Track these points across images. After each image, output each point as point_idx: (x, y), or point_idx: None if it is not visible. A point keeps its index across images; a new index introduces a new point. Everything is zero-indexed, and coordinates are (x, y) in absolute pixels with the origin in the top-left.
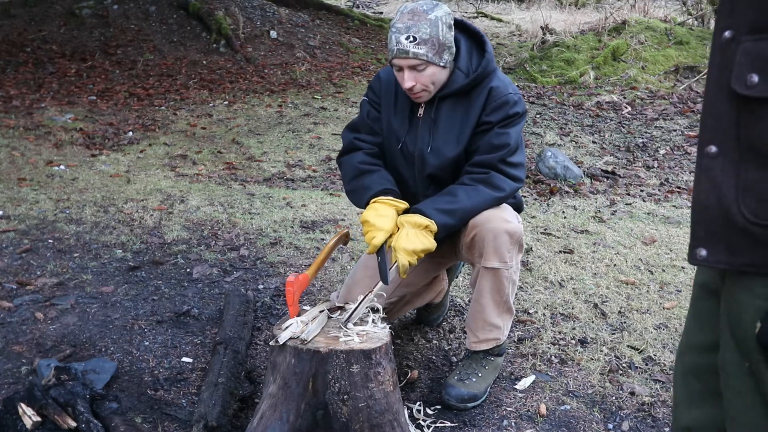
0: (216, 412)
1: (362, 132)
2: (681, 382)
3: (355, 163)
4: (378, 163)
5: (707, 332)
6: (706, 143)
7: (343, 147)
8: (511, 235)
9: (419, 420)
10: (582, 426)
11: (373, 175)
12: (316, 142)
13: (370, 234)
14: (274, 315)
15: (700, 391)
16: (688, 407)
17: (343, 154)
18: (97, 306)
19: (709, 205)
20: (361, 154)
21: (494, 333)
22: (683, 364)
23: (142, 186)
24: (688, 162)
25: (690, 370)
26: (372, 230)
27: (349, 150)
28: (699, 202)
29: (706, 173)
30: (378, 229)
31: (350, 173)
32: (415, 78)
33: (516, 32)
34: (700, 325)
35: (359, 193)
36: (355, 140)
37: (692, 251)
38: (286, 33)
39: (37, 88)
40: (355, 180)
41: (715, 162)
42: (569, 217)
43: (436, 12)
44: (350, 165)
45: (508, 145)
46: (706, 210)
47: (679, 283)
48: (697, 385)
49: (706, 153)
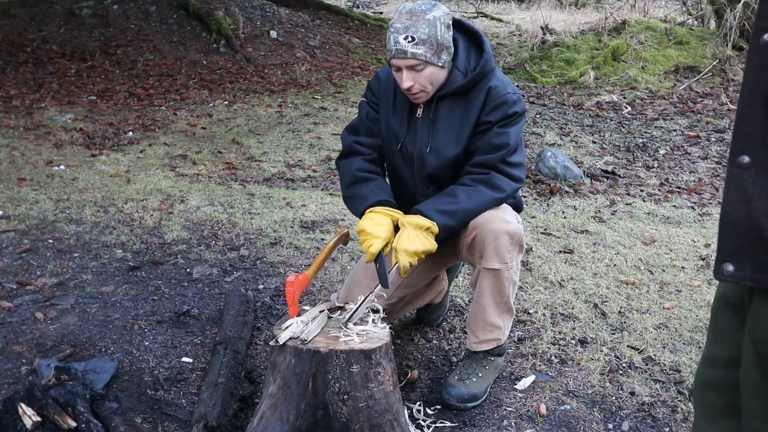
0: (216, 412)
1: (361, 134)
2: (699, 395)
3: (353, 170)
4: (375, 171)
5: (724, 346)
6: (738, 152)
7: (342, 150)
8: (511, 236)
9: (419, 420)
10: (582, 426)
11: (370, 184)
12: (316, 142)
13: (367, 242)
14: (274, 315)
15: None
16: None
17: (341, 157)
18: (97, 306)
19: (737, 218)
20: (359, 161)
21: (495, 333)
22: (700, 376)
23: (142, 186)
24: (688, 162)
25: (707, 384)
26: (369, 238)
27: (347, 154)
28: (727, 214)
29: (737, 184)
30: (375, 237)
31: (347, 180)
32: (414, 78)
33: (516, 32)
34: (717, 338)
35: (355, 201)
36: (354, 144)
37: (718, 266)
38: (286, 33)
39: (37, 88)
40: (351, 187)
41: (747, 173)
42: (569, 217)
43: (434, 12)
44: (348, 171)
45: (507, 144)
46: (735, 224)
47: (679, 283)
48: (716, 399)
49: (737, 163)
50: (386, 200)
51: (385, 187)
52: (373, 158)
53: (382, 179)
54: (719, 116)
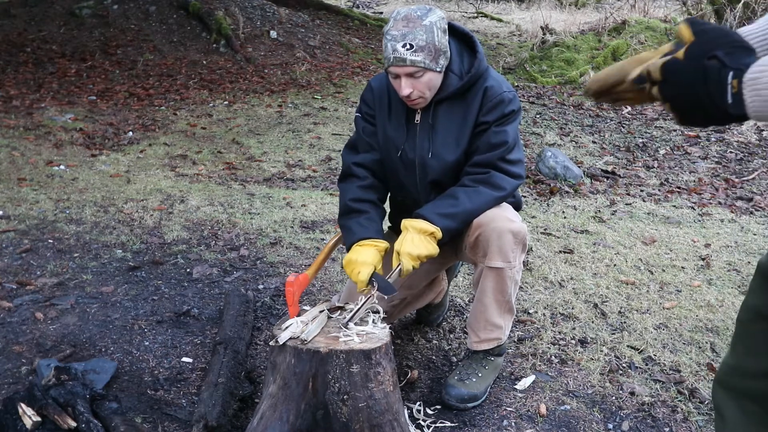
0: (216, 412)
1: (360, 151)
2: (734, 404)
3: (347, 200)
4: (369, 199)
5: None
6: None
7: (342, 171)
8: (515, 235)
9: (419, 420)
10: (582, 426)
11: (360, 218)
12: (316, 142)
13: (354, 270)
14: (274, 315)
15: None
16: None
17: (341, 179)
18: (97, 306)
19: None
20: (354, 188)
21: (496, 333)
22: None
23: (142, 186)
24: (688, 162)
25: (746, 394)
26: (356, 266)
27: (345, 176)
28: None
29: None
30: (361, 264)
31: (342, 208)
32: (413, 85)
33: (516, 32)
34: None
35: (345, 234)
36: (353, 165)
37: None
38: (286, 33)
39: (37, 88)
40: (344, 217)
41: None
42: (569, 217)
43: (430, 17)
44: (343, 200)
45: (506, 143)
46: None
47: (679, 283)
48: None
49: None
50: (371, 237)
51: (375, 220)
52: (368, 183)
53: (374, 210)
54: None
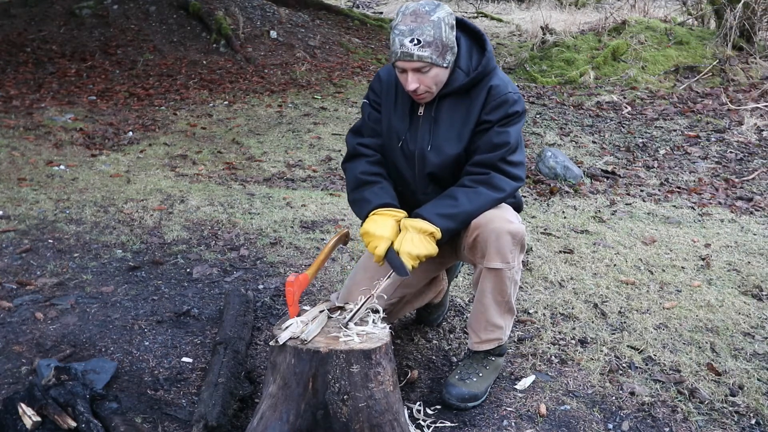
0: (216, 412)
1: (365, 135)
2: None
3: (357, 173)
4: (380, 173)
5: None
6: None
7: (347, 152)
8: (513, 236)
9: (419, 420)
10: (582, 426)
11: (374, 188)
12: (316, 142)
13: (372, 244)
14: (274, 315)
15: None
16: None
17: (346, 160)
18: (97, 306)
19: None
20: (363, 163)
21: (496, 333)
22: None
23: (142, 186)
24: (688, 162)
25: None
26: (373, 240)
27: (352, 156)
28: None
29: None
30: (378, 238)
31: (352, 183)
32: (419, 80)
33: (516, 32)
34: None
35: (359, 205)
36: (359, 146)
37: None
38: (286, 33)
39: (37, 88)
40: (356, 191)
41: None
42: (569, 217)
43: (438, 13)
44: (352, 175)
45: (507, 143)
46: None
47: (679, 283)
48: None
49: None
50: (389, 203)
51: (389, 190)
52: (376, 159)
53: (386, 181)
54: (719, 116)
